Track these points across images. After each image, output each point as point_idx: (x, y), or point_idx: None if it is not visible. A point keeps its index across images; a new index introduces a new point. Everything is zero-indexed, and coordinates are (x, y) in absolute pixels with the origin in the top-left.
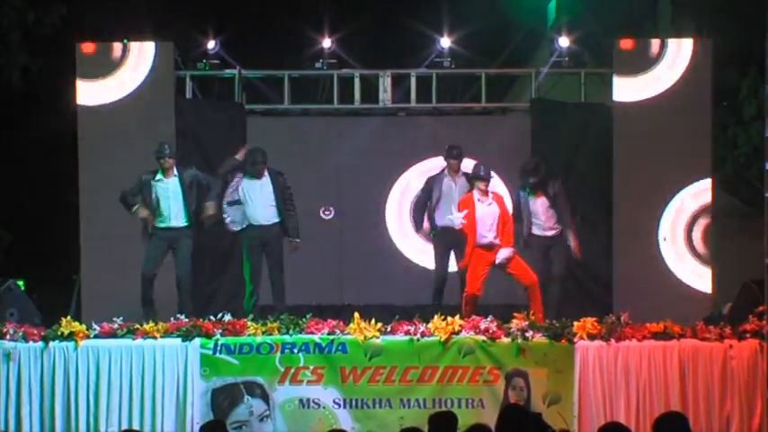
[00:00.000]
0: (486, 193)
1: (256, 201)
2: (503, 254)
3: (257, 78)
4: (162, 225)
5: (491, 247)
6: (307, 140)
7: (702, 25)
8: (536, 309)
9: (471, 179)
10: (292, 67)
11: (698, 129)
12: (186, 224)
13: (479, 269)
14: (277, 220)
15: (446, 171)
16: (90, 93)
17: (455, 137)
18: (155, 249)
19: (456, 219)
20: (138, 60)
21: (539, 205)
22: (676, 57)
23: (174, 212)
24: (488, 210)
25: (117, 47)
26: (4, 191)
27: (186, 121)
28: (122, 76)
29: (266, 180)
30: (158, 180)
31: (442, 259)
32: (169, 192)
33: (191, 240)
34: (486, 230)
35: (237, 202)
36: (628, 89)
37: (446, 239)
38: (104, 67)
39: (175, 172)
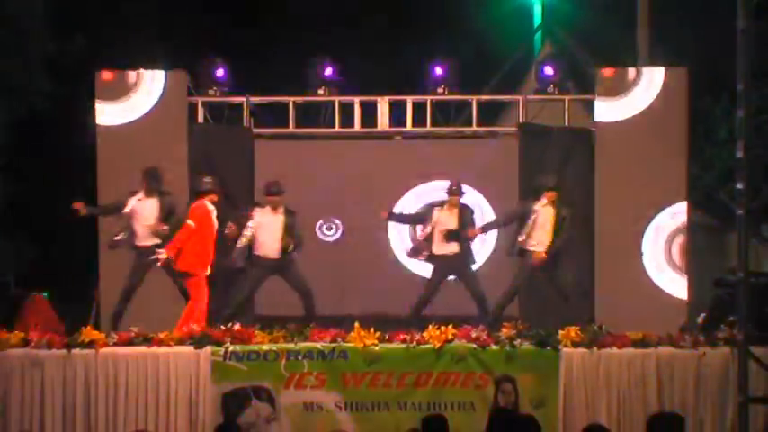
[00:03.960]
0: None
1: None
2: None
3: (264, 104)
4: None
5: None
6: (310, 162)
7: (678, 53)
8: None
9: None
10: (297, 94)
11: (674, 151)
12: None
13: None
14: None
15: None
16: (109, 117)
17: (448, 158)
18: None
19: None
20: (153, 87)
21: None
22: (653, 83)
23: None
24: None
25: (134, 74)
26: (31, 208)
27: (198, 144)
28: (138, 101)
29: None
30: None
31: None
32: None
33: None
34: None
35: None
36: (609, 114)
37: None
38: (122, 92)
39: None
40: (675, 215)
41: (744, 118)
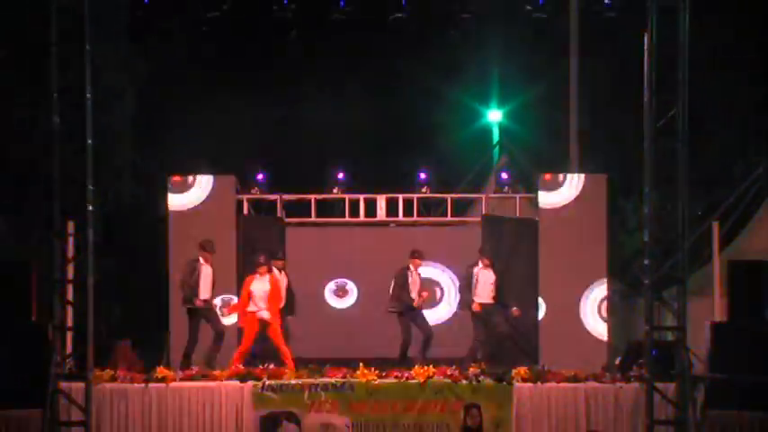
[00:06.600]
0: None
1: None
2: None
3: (293, 200)
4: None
5: None
6: (327, 243)
7: (600, 163)
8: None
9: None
10: (317, 192)
11: (596, 236)
12: None
13: None
14: None
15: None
16: (175, 210)
17: (430, 241)
18: None
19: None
20: (209, 187)
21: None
22: (582, 186)
23: None
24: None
25: (195, 178)
26: (117, 277)
27: (244, 230)
28: (199, 198)
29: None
30: None
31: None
32: None
33: None
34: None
35: None
36: (549, 201)
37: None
38: (186, 191)
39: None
40: (603, 286)
41: (649, 212)
